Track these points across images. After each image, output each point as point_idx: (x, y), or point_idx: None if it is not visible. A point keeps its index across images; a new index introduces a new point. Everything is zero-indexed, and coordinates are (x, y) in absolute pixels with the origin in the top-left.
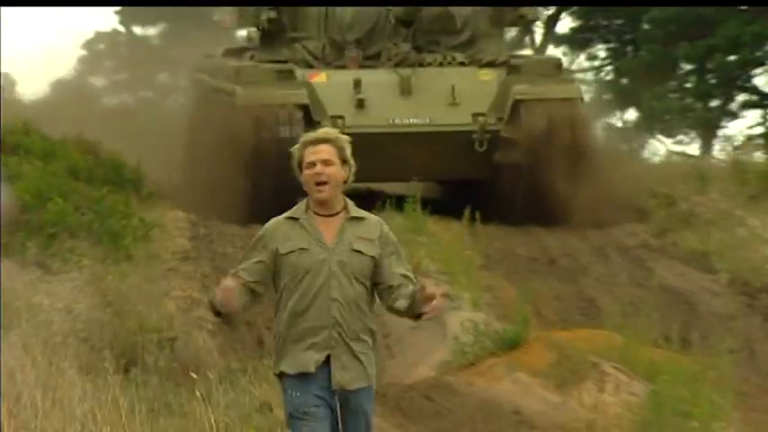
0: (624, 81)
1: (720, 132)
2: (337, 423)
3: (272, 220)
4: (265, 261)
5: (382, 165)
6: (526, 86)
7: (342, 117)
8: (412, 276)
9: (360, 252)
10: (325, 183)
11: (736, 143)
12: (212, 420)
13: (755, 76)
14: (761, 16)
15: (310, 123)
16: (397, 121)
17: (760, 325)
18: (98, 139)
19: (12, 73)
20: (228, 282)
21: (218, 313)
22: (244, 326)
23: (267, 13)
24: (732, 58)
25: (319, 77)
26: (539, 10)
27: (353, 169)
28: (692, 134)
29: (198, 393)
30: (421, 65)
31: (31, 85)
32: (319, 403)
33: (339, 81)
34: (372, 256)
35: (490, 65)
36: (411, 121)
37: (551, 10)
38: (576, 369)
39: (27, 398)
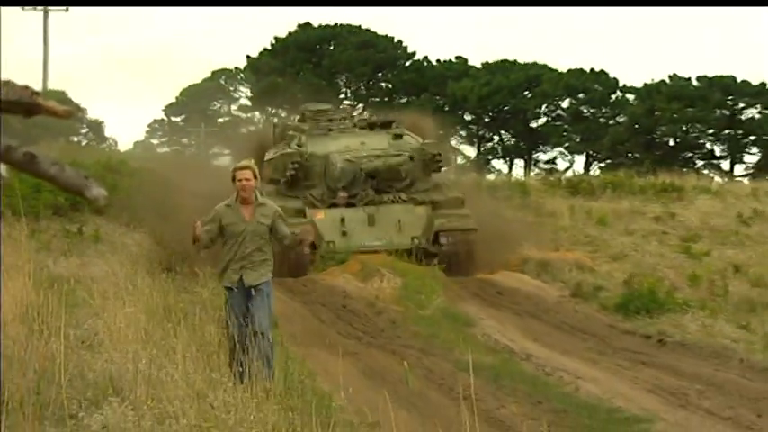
0: None
1: None
2: (248, 302)
3: (219, 206)
4: (216, 226)
5: None
6: (442, 221)
7: (333, 242)
8: (291, 231)
9: (262, 223)
10: (245, 190)
11: None
12: (205, 295)
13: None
14: (452, 113)
15: (313, 246)
16: (366, 243)
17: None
18: (155, 167)
19: (116, 137)
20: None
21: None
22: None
23: (290, 170)
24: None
25: (319, 215)
26: (450, 161)
27: (260, 180)
28: None
29: (199, 283)
30: (381, 202)
31: (125, 144)
32: (239, 296)
33: (331, 218)
34: (268, 225)
35: (422, 203)
36: (374, 243)
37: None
38: (370, 272)
39: (121, 286)
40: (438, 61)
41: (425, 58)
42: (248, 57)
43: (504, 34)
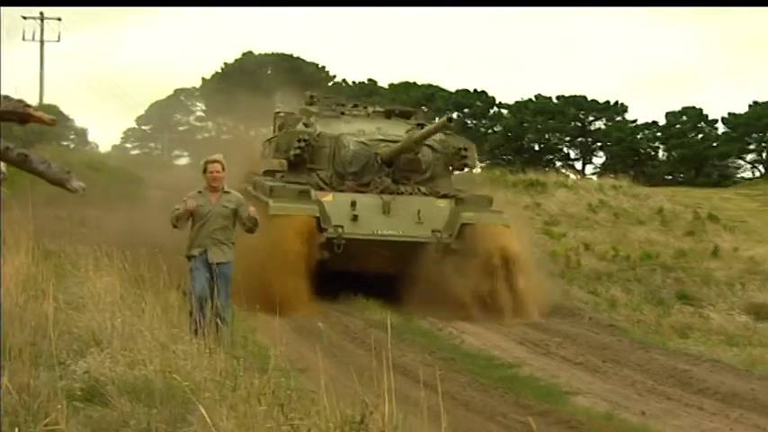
0: None
1: None
2: (212, 277)
3: (191, 192)
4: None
5: (367, 261)
6: (471, 214)
7: (342, 226)
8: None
9: (226, 207)
10: (216, 180)
11: None
12: (167, 268)
13: None
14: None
15: (319, 229)
16: (379, 232)
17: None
18: (126, 166)
19: (97, 142)
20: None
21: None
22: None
23: (295, 150)
24: None
25: (327, 197)
26: (477, 160)
27: (226, 172)
28: None
29: (163, 258)
30: (397, 193)
31: (104, 147)
32: (201, 267)
33: (341, 201)
34: (232, 209)
35: (444, 196)
36: (389, 232)
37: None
38: None
39: (100, 259)
40: (353, 82)
41: (343, 80)
42: (203, 78)
43: (407, 59)
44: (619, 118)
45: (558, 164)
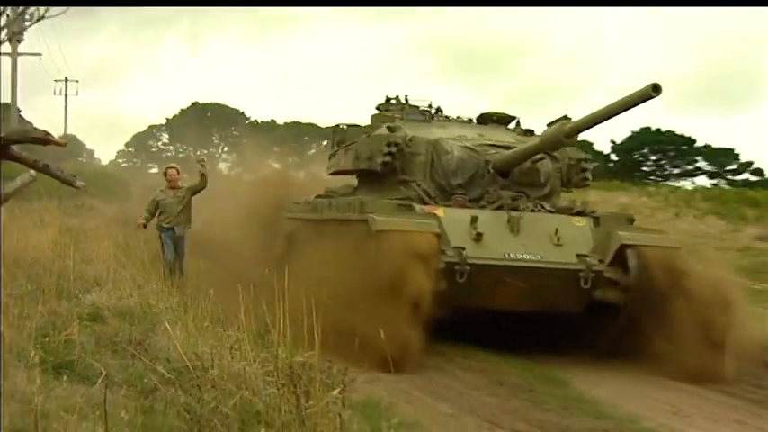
0: None
1: None
2: (175, 246)
3: (157, 191)
4: (155, 206)
5: (494, 294)
6: (630, 233)
7: (463, 248)
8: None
9: (178, 196)
10: (172, 180)
11: None
12: (144, 238)
13: None
14: None
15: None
16: (511, 256)
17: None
18: (118, 174)
19: (100, 158)
20: (141, 220)
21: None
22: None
23: (382, 157)
24: None
25: (438, 211)
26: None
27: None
28: None
29: (141, 233)
30: (516, 209)
31: (105, 162)
32: (169, 240)
33: (457, 216)
34: (183, 195)
35: (579, 213)
36: (524, 256)
37: None
38: None
39: (101, 233)
40: (262, 121)
41: (256, 120)
42: (167, 118)
43: (303, 102)
44: None
45: None
